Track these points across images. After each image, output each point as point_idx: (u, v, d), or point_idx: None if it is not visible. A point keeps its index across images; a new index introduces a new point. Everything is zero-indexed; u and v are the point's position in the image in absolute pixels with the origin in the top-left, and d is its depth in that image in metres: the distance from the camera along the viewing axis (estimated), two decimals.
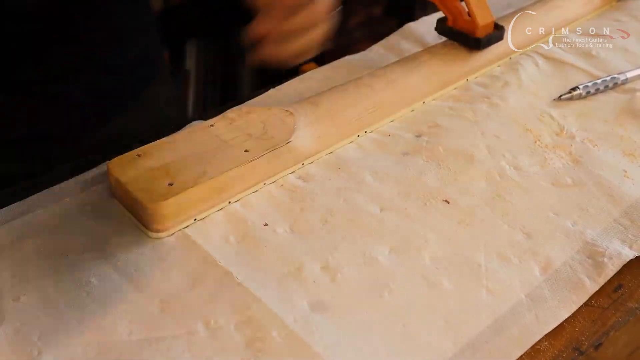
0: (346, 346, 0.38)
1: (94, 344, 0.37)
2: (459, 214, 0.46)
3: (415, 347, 0.38)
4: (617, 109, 0.57)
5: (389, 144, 0.53)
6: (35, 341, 0.37)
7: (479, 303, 0.40)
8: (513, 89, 0.59)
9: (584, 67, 0.62)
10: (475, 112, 0.56)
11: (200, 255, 0.43)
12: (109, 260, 0.42)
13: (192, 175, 0.44)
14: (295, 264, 0.42)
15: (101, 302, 0.40)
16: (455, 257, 0.43)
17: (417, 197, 0.48)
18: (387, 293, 0.41)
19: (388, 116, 0.55)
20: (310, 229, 0.45)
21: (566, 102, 0.58)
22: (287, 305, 0.40)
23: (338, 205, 0.47)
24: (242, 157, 0.46)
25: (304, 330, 0.38)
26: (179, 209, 0.44)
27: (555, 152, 0.52)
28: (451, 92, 0.59)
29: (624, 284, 0.43)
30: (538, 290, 0.41)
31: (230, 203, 0.47)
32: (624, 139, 0.53)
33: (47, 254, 0.42)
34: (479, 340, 0.38)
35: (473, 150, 0.52)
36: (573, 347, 0.39)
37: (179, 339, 0.38)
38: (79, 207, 0.46)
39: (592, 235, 0.45)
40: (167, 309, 0.39)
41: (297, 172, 0.50)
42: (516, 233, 0.45)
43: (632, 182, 0.49)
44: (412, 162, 0.51)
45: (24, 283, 0.41)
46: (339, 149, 0.52)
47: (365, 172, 0.50)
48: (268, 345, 0.38)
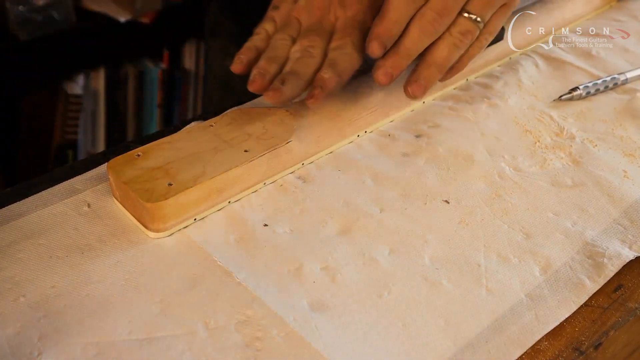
0: (346, 346, 0.38)
1: (93, 344, 0.37)
2: (459, 214, 0.46)
3: (415, 347, 0.38)
4: (617, 109, 0.57)
5: (389, 144, 0.53)
6: (35, 342, 0.37)
7: (478, 303, 0.40)
8: (513, 89, 0.59)
9: (584, 67, 0.62)
10: (475, 112, 0.56)
11: (200, 255, 0.43)
12: (108, 260, 0.42)
13: (191, 175, 0.44)
14: (295, 264, 0.42)
15: (101, 302, 0.40)
16: (455, 257, 0.43)
17: (417, 197, 0.48)
18: (387, 293, 0.41)
19: (388, 116, 0.55)
20: (310, 229, 0.45)
21: (566, 102, 0.58)
22: (287, 305, 0.40)
23: (338, 206, 0.47)
24: (242, 157, 0.46)
25: (304, 330, 0.38)
26: (178, 209, 0.44)
27: (555, 153, 0.52)
28: (451, 92, 0.59)
29: (624, 284, 0.43)
30: (538, 290, 0.41)
31: (230, 203, 0.47)
32: (624, 140, 0.53)
33: (47, 254, 0.42)
34: (479, 340, 0.38)
35: (473, 150, 0.52)
36: (573, 347, 0.39)
37: (178, 338, 0.38)
38: (79, 207, 0.46)
39: (592, 236, 0.45)
40: (167, 309, 0.39)
41: (297, 172, 0.50)
42: (516, 233, 0.45)
43: (632, 182, 0.49)
44: (412, 162, 0.51)
45: (24, 283, 0.41)
46: (339, 149, 0.52)
47: (365, 172, 0.50)
48: (268, 345, 0.38)
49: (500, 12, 0.51)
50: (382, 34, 0.48)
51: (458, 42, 0.49)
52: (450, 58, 0.50)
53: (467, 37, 0.49)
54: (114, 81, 1.44)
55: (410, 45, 0.48)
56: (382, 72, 0.48)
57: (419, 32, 0.48)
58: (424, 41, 0.49)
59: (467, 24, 0.49)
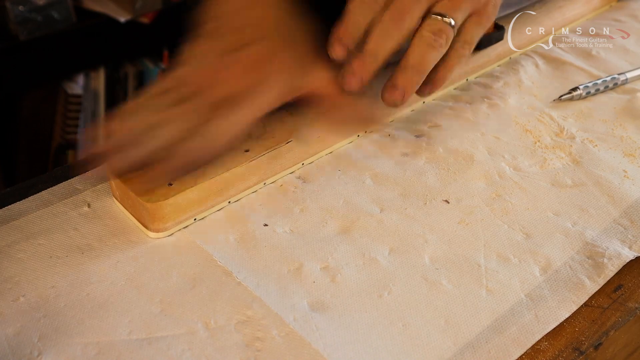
0: (346, 346, 0.38)
1: (93, 344, 0.37)
2: (458, 214, 0.46)
3: (415, 347, 0.38)
4: (617, 109, 0.57)
5: (389, 144, 0.53)
6: (35, 342, 0.37)
7: (478, 303, 0.40)
8: (513, 89, 0.59)
9: (584, 67, 0.62)
10: (475, 112, 0.56)
11: (200, 255, 0.43)
12: (108, 260, 0.42)
13: (191, 175, 0.44)
14: (295, 264, 0.42)
15: (101, 302, 0.40)
16: (455, 257, 0.43)
17: (417, 197, 0.48)
18: (387, 293, 0.41)
19: (388, 116, 0.54)
20: (310, 229, 0.45)
21: (566, 102, 0.58)
22: (287, 305, 0.40)
23: (338, 205, 0.47)
24: (242, 157, 0.46)
25: (304, 329, 0.38)
26: (178, 209, 0.44)
27: (555, 153, 0.52)
28: (451, 92, 0.59)
29: (623, 284, 0.43)
30: (538, 290, 0.41)
31: (230, 203, 0.47)
32: (624, 140, 0.53)
33: (47, 254, 0.42)
34: (479, 340, 0.38)
35: (473, 150, 0.52)
36: (573, 347, 0.39)
37: (179, 338, 0.38)
38: (79, 207, 0.46)
39: (592, 236, 0.45)
40: (167, 308, 0.39)
41: (297, 172, 0.50)
42: (516, 233, 0.45)
43: (632, 182, 0.49)
44: (411, 162, 0.51)
45: (24, 284, 0.41)
46: (339, 149, 0.52)
47: (365, 172, 0.50)
48: (268, 345, 0.38)
49: (472, 20, 0.49)
50: (342, 35, 0.47)
51: (431, 41, 0.47)
52: (427, 59, 0.48)
53: (441, 37, 0.47)
54: (114, 81, 1.44)
55: (373, 46, 0.47)
56: (350, 76, 0.47)
57: (379, 31, 0.47)
58: (386, 41, 0.47)
59: (437, 23, 0.47)
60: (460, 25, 0.49)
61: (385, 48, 0.47)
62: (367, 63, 0.47)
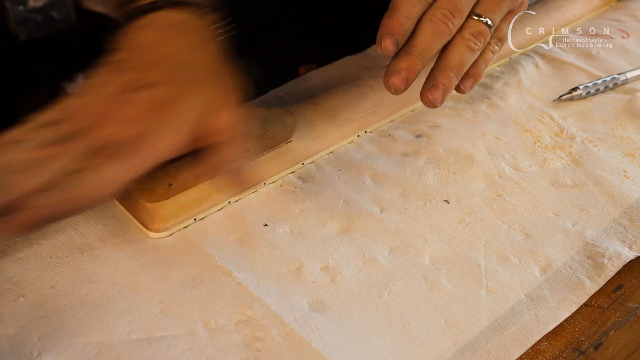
0: (346, 346, 0.38)
1: (93, 344, 0.37)
2: (458, 214, 0.46)
3: (415, 347, 0.38)
4: (617, 109, 0.57)
5: (389, 144, 0.53)
6: (35, 342, 0.37)
7: (478, 303, 0.40)
8: (513, 89, 0.59)
9: (584, 67, 0.62)
10: (475, 112, 0.56)
11: (200, 255, 0.43)
12: (108, 260, 0.42)
13: (192, 175, 0.44)
14: (295, 264, 0.42)
15: (101, 302, 0.40)
16: (455, 257, 0.43)
17: (417, 197, 0.48)
18: (387, 293, 0.41)
19: (388, 116, 0.55)
20: (310, 229, 0.45)
21: (566, 102, 0.58)
22: (287, 305, 0.40)
23: (338, 205, 0.47)
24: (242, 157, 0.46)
25: (304, 329, 0.38)
26: (178, 209, 0.44)
27: (555, 153, 0.52)
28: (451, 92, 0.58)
29: (623, 284, 0.43)
30: (538, 290, 0.41)
31: (230, 203, 0.47)
32: (624, 140, 0.53)
33: (47, 254, 0.42)
34: (479, 340, 0.38)
35: (473, 150, 0.52)
36: (573, 347, 0.39)
37: (178, 338, 0.38)
38: None
39: (592, 236, 0.45)
40: (167, 308, 0.39)
41: (297, 172, 0.50)
42: (516, 233, 0.45)
43: (632, 182, 0.49)
44: (411, 162, 0.51)
45: (24, 284, 0.41)
46: (339, 149, 0.52)
47: (365, 172, 0.50)
48: (268, 345, 0.38)
49: (507, 18, 0.50)
50: (395, 30, 0.43)
51: (472, 45, 0.46)
52: (465, 62, 0.47)
53: (480, 40, 0.47)
54: None
55: (424, 45, 0.44)
56: (398, 76, 0.44)
57: (432, 30, 0.44)
58: (437, 41, 0.45)
59: (479, 26, 0.46)
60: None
61: (434, 47, 0.45)
62: (415, 62, 0.44)
